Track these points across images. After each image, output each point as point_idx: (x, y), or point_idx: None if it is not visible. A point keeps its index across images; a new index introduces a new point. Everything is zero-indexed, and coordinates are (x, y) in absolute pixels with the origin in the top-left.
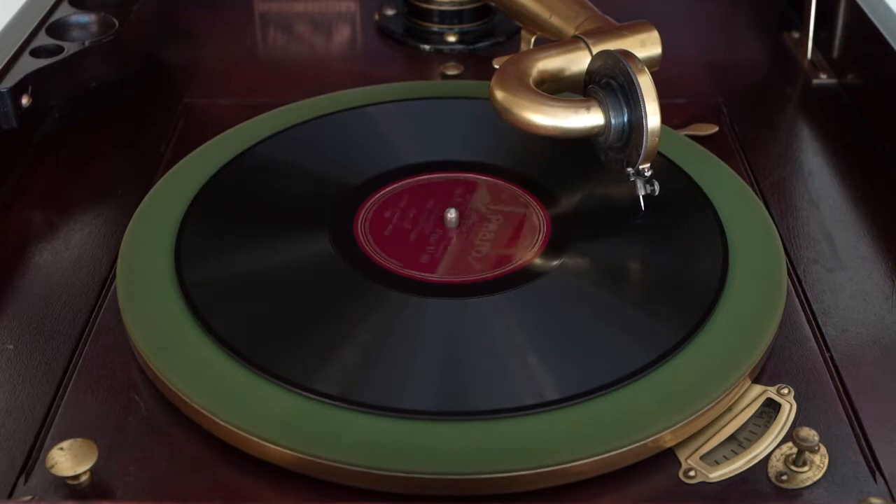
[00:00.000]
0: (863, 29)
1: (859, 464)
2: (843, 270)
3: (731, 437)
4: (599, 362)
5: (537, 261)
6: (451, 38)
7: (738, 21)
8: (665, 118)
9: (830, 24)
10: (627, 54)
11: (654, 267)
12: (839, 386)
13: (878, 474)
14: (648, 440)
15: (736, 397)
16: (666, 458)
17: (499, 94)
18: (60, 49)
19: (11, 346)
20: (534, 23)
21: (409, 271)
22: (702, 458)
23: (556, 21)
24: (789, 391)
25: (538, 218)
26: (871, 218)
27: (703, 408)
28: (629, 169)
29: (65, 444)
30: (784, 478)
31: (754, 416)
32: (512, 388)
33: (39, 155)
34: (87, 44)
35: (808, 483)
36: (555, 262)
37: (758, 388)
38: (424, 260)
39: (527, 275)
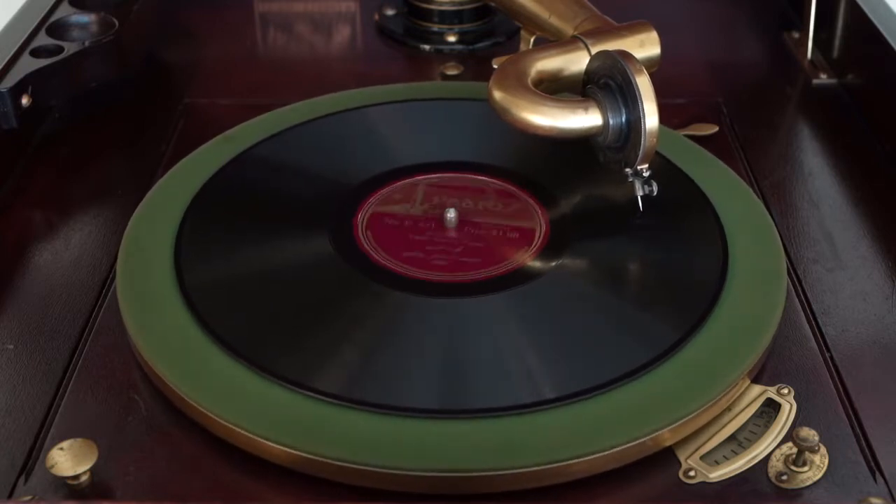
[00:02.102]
0: (863, 29)
1: (859, 464)
2: (843, 270)
3: (731, 437)
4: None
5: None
6: (451, 38)
7: (738, 21)
8: (665, 118)
9: (830, 24)
10: (626, 55)
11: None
12: (839, 386)
13: (878, 474)
14: (647, 438)
15: (735, 397)
16: (666, 458)
17: (497, 95)
18: (60, 49)
19: (11, 346)
20: (533, 23)
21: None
22: (702, 458)
23: (555, 21)
24: (789, 391)
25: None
26: (871, 218)
27: (703, 406)
28: (627, 169)
29: (65, 444)
30: (784, 478)
31: (754, 416)
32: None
33: (39, 155)
34: (87, 44)
35: (808, 483)
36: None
37: (758, 388)
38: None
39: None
